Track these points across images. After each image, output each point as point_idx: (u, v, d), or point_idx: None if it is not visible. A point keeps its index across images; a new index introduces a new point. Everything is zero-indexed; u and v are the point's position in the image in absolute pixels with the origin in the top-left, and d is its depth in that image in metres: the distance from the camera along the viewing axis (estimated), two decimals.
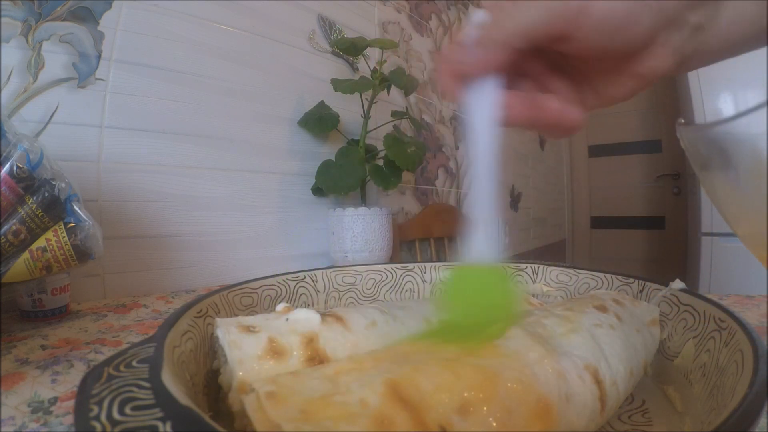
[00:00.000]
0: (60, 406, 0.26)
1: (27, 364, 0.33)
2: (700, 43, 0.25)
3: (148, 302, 0.55)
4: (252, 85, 0.77)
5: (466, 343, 0.22)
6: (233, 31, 0.74)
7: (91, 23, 0.58)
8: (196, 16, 0.69)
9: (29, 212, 0.39)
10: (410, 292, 0.43)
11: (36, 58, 0.53)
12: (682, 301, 0.29)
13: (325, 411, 0.15)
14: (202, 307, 0.26)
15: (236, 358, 0.21)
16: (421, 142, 0.80)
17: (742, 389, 0.16)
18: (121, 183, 0.61)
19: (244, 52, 0.76)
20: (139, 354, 0.18)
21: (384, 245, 0.76)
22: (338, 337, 0.25)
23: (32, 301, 0.44)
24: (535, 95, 0.25)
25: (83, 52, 0.57)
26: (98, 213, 0.58)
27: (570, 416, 0.19)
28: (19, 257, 0.39)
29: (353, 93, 0.72)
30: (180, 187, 0.67)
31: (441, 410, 0.16)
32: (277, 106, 0.81)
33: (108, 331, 0.42)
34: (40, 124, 0.54)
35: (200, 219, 0.69)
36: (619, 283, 0.35)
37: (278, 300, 0.35)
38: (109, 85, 0.59)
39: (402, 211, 1.11)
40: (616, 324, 0.26)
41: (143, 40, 0.63)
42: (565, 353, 0.22)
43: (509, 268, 0.27)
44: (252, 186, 0.77)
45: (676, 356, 0.27)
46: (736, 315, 0.23)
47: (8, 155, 0.37)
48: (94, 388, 0.15)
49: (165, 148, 0.65)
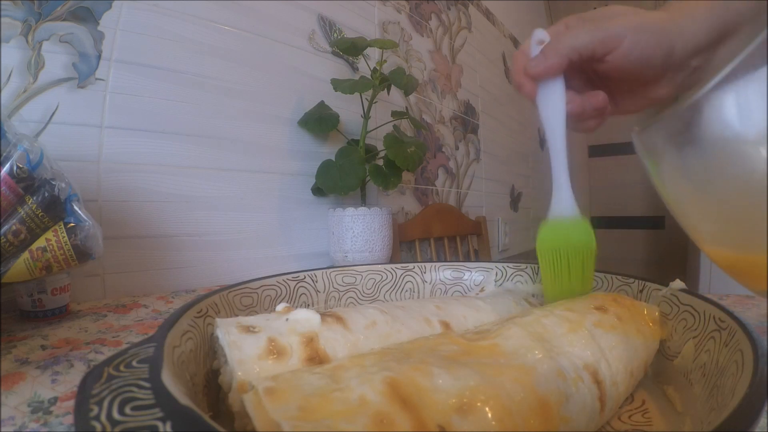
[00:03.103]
0: (60, 406, 0.26)
1: (27, 364, 0.33)
2: (696, 77, 0.33)
3: (148, 302, 0.55)
4: (252, 85, 0.77)
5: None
6: (233, 31, 0.74)
7: (91, 23, 0.58)
8: (196, 16, 0.69)
9: (29, 212, 0.39)
10: (410, 292, 0.43)
11: (36, 58, 0.53)
12: (682, 301, 0.29)
13: (324, 408, 0.15)
14: (202, 307, 0.26)
15: (236, 359, 0.21)
16: (421, 142, 0.80)
17: (742, 389, 0.16)
18: (121, 183, 0.61)
19: (244, 52, 0.76)
20: (139, 354, 0.18)
21: (384, 245, 0.76)
22: (338, 337, 0.25)
23: (32, 301, 0.44)
24: (583, 92, 0.35)
25: (83, 52, 0.57)
26: (98, 213, 0.58)
27: (569, 416, 0.19)
28: (19, 257, 0.39)
29: (353, 93, 0.72)
30: (180, 187, 0.67)
31: (440, 410, 0.16)
32: (277, 106, 0.81)
33: (108, 331, 0.42)
34: (40, 124, 0.54)
35: (200, 219, 0.69)
36: (619, 283, 0.35)
37: (278, 300, 0.35)
38: (109, 85, 0.59)
39: (402, 211, 1.11)
40: (617, 324, 0.26)
41: (143, 40, 0.63)
42: (565, 353, 0.22)
43: (585, 225, 0.34)
44: (252, 186, 0.77)
45: (676, 356, 0.27)
46: (736, 315, 0.23)
47: (8, 155, 0.37)
48: (94, 388, 0.15)
49: (165, 148, 0.65)
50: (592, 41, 0.31)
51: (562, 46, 0.32)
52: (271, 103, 0.80)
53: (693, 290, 0.29)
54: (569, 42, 0.31)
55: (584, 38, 0.31)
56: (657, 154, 0.20)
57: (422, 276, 0.44)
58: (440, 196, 1.28)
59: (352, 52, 0.76)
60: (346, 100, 0.83)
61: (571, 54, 0.32)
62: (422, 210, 1.14)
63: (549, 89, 0.33)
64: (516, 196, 1.80)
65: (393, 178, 0.78)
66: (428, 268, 0.44)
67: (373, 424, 0.15)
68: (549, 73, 0.32)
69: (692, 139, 0.18)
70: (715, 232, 0.20)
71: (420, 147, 0.78)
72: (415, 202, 1.16)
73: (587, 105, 0.34)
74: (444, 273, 0.44)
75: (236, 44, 0.75)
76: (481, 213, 1.49)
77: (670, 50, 0.31)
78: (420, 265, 0.44)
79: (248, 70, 0.76)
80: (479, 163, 1.49)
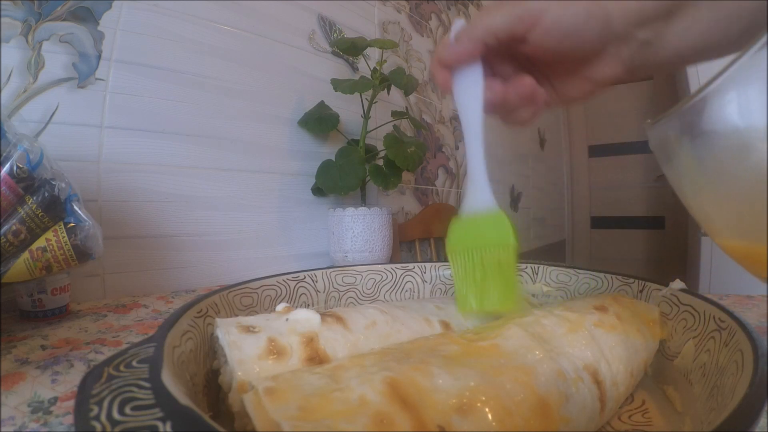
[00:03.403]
0: (60, 406, 0.26)
1: (27, 364, 0.33)
2: (649, 54, 0.29)
3: (148, 302, 0.55)
4: (252, 85, 0.77)
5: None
6: (233, 31, 0.74)
7: (91, 23, 0.58)
8: (196, 16, 0.69)
9: (29, 212, 0.39)
10: (410, 292, 0.43)
11: (36, 58, 0.53)
12: (682, 301, 0.29)
13: (324, 407, 0.15)
14: (202, 307, 0.26)
15: (236, 359, 0.21)
16: (421, 142, 0.80)
17: (742, 389, 0.16)
18: (121, 183, 0.61)
19: (244, 52, 0.76)
20: (139, 354, 0.18)
21: (384, 245, 0.76)
22: (338, 337, 0.25)
23: (32, 301, 0.44)
24: (512, 78, 0.31)
25: (83, 52, 0.57)
26: (98, 213, 0.58)
27: (570, 416, 0.19)
28: (19, 257, 0.39)
29: (353, 93, 0.72)
30: (180, 187, 0.67)
31: (440, 410, 0.16)
32: (277, 106, 0.81)
33: (108, 331, 0.42)
34: (40, 124, 0.54)
35: (200, 219, 0.69)
36: (619, 283, 0.35)
37: (278, 300, 0.35)
38: (109, 85, 0.59)
39: (402, 211, 1.11)
40: (617, 324, 0.26)
41: (143, 40, 0.63)
42: (565, 353, 0.22)
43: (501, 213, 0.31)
44: (252, 186, 0.77)
45: (676, 356, 0.27)
46: (736, 315, 0.23)
47: (8, 155, 0.37)
48: (94, 388, 0.15)
49: (165, 148, 0.65)
50: (508, 20, 0.28)
51: (475, 30, 0.28)
52: (271, 103, 0.80)
53: (693, 290, 0.29)
54: (483, 25, 0.28)
55: (499, 19, 0.28)
56: (670, 146, 0.20)
57: (422, 276, 0.44)
58: (440, 196, 1.28)
59: (352, 52, 0.76)
60: (346, 100, 0.83)
61: (487, 37, 0.28)
62: (422, 210, 1.14)
63: (465, 77, 0.30)
64: (516, 196, 1.80)
65: (393, 178, 0.78)
66: (428, 268, 0.44)
67: (373, 424, 0.15)
68: (461, 60, 0.30)
69: (705, 131, 0.18)
70: (729, 223, 0.20)
71: (420, 147, 0.78)
72: (415, 202, 1.16)
73: (512, 93, 0.30)
74: (444, 273, 0.44)
75: (236, 44, 0.75)
76: None
77: (607, 20, 0.27)
78: (420, 265, 0.44)
79: (248, 70, 0.76)
80: None
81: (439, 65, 0.31)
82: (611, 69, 0.29)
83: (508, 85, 0.30)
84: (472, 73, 0.30)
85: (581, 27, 0.27)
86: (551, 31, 0.27)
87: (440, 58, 0.30)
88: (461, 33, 0.29)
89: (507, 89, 0.30)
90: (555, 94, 0.33)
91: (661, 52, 0.29)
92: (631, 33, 0.28)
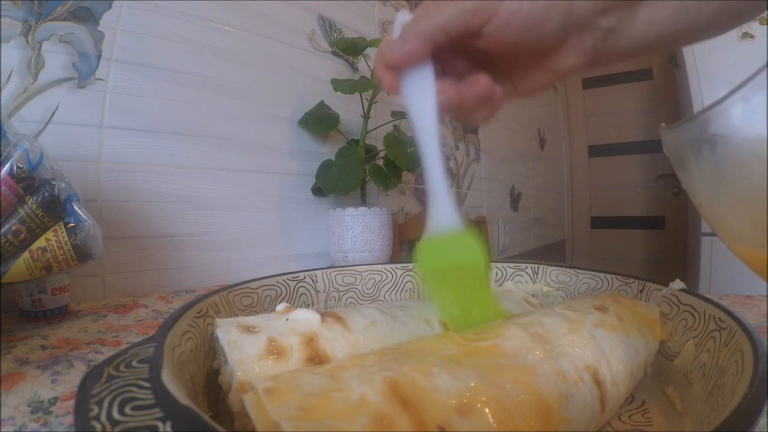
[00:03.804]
0: (60, 406, 0.26)
1: (27, 364, 0.33)
2: (613, 43, 0.27)
3: (148, 302, 0.55)
4: (252, 85, 0.77)
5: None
6: (233, 31, 0.74)
7: (91, 23, 0.58)
8: (196, 16, 0.69)
9: (29, 212, 0.39)
10: (410, 292, 0.43)
11: (36, 58, 0.53)
12: (682, 301, 0.29)
13: (324, 408, 0.15)
14: (202, 307, 0.26)
15: (236, 359, 0.21)
16: None
17: (742, 389, 0.16)
18: (121, 183, 0.61)
19: (244, 52, 0.76)
20: (139, 354, 0.18)
21: (384, 245, 0.76)
22: (338, 337, 0.25)
23: (32, 301, 0.44)
24: (465, 77, 0.28)
25: (83, 52, 0.57)
26: (98, 213, 0.58)
27: (570, 417, 0.19)
28: (19, 257, 0.39)
29: (353, 93, 0.72)
30: (180, 187, 0.67)
31: (440, 410, 0.16)
32: (277, 106, 0.81)
33: (108, 331, 0.42)
34: (40, 124, 0.54)
35: (200, 219, 0.69)
36: (619, 283, 0.35)
37: (278, 300, 0.35)
38: (109, 85, 0.59)
39: (402, 211, 1.11)
40: (617, 324, 0.26)
41: (143, 40, 0.63)
42: (565, 353, 0.22)
43: (470, 232, 0.29)
44: (252, 186, 0.77)
45: (676, 356, 0.27)
46: (736, 315, 0.23)
47: (8, 155, 0.37)
48: (94, 388, 0.15)
49: (165, 148, 0.65)
50: (460, 15, 0.25)
51: (423, 27, 0.25)
52: (271, 103, 0.80)
53: (693, 290, 0.29)
54: (432, 21, 0.25)
55: (449, 13, 0.25)
56: (687, 151, 0.20)
57: None
58: None
59: (352, 52, 0.76)
60: (346, 100, 0.83)
61: (436, 35, 0.25)
62: (422, 210, 1.14)
63: (414, 79, 0.27)
64: (516, 196, 1.80)
65: (393, 178, 0.78)
66: None
67: (373, 425, 0.15)
68: (408, 61, 0.26)
69: (727, 138, 0.18)
70: (748, 232, 0.20)
71: None
72: (415, 202, 1.16)
73: (467, 95, 0.27)
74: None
75: (236, 44, 0.75)
76: (481, 213, 1.49)
77: (569, 9, 0.25)
78: None
79: (248, 70, 0.76)
80: (479, 163, 1.49)
81: (384, 67, 0.28)
82: (573, 59, 0.27)
83: (462, 85, 0.27)
84: (421, 75, 0.27)
85: (542, 17, 0.25)
86: (509, 24, 0.25)
87: (384, 59, 0.27)
88: (407, 30, 0.26)
89: (461, 91, 0.27)
90: (513, 88, 0.30)
91: (626, 41, 0.27)
92: (594, 21, 0.26)
